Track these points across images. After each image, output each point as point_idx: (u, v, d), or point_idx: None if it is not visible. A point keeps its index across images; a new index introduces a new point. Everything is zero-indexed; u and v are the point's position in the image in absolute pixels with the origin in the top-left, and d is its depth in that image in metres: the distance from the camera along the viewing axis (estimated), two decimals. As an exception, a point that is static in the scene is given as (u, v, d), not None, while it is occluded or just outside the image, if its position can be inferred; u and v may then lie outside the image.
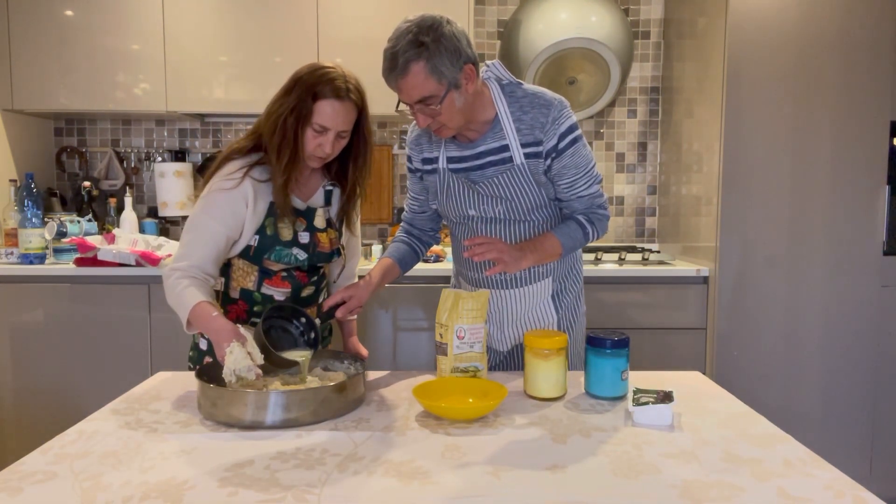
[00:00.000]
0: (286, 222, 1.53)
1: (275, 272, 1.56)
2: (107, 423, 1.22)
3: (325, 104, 1.44)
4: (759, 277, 2.60)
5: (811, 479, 0.99)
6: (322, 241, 1.59)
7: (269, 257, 1.53)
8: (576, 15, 2.88)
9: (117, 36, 2.82)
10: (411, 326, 2.68)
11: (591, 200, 1.60)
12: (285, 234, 1.53)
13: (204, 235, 1.47)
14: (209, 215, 1.48)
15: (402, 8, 2.83)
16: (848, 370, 2.63)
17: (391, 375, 1.55)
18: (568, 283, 1.71)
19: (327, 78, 1.44)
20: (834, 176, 2.57)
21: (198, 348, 1.65)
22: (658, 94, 3.29)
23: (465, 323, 1.39)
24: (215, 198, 1.48)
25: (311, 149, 1.48)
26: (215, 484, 0.97)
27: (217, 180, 1.50)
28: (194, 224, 1.49)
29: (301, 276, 1.59)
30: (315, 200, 1.62)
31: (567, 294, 1.71)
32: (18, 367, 2.63)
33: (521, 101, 1.54)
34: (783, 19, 2.52)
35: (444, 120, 1.47)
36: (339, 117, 1.45)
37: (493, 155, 1.56)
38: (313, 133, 1.46)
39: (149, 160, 3.26)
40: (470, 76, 1.44)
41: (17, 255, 2.66)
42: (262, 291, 1.57)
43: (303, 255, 1.55)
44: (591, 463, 1.05)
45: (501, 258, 1.43)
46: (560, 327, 1.71)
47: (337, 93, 1.44)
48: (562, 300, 1.70)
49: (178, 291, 1.41)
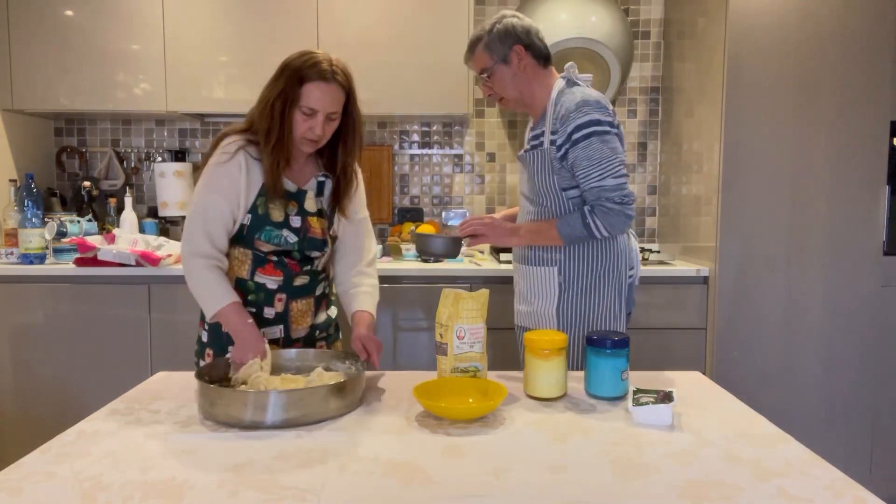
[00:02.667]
0: (277, 204, 1.56)
1: (266, 259, 1.58)
2: (107, 423, 1.22)
3: (312, 87, 1.49)
4: (759, 277, 2.60)
5: (811, 479, 0.99)
6: (314, 225, 1.60)
7: (259, 237, 1.55)
8: (576, 15, 2.88)
9: (117, 36, 2.82)
10: (411, 326, 2.68)
11: (601, 192, 1.70)
12: (276, 215, 1.56)
13: (212, 213, 1.53)
14: (210, 190, 1.53)
15: (401, 8, 2.84)
16: (848, 370, 2.63)
17: (391, 375, 1.55)
18: (573, 281, 1.81)
19: (313, 61, 1.49)
20: (834, 176, 2.57)
21: (200, 341, 1.68)
22: (658, 94, 3.29)
23: (465, 323, 1.39)
24: (214, 172, 1.54)
25: (301, 131, 1.52)
26: (215, 484, 0.97)
27: (213, 157, 1.55)
28: (201, 203, 1.53)
29: (293, 264, 1.60)
30: (308, 188, 1.63)
31: (570, 289, 1.82)
32: (18, 367, 2.63)
33: (565, 96, 1.77)
34: (783, 19, 2.52)
35: (497, 89, 1.83)
36: (326, 99, 1.50)
37: (537, 139, 1.82)
38: (302, 116, 1.51)
39: (149, 160, 3.26)
40: (520, 54, 1.80)
41: (17, 255, 2.66)
42: (255, 280, 1.59)
43: (293, 238, 1.57)
44: (591, 463, 1.05)
45: (482, 232, 1.78)
46: (559, 319, 1.82)
47: (323, 75, 1.49)
48: (565, 294, 1.82)
49: (208, 283, 1.50)
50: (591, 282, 1.81)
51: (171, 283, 2.59)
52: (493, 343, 2.58)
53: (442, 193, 3.32)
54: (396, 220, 3.30)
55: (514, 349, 2.59)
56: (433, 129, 3.29)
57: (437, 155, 3.31)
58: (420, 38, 2.85)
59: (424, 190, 3.31)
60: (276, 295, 1.61)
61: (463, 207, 3.32)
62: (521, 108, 1.89)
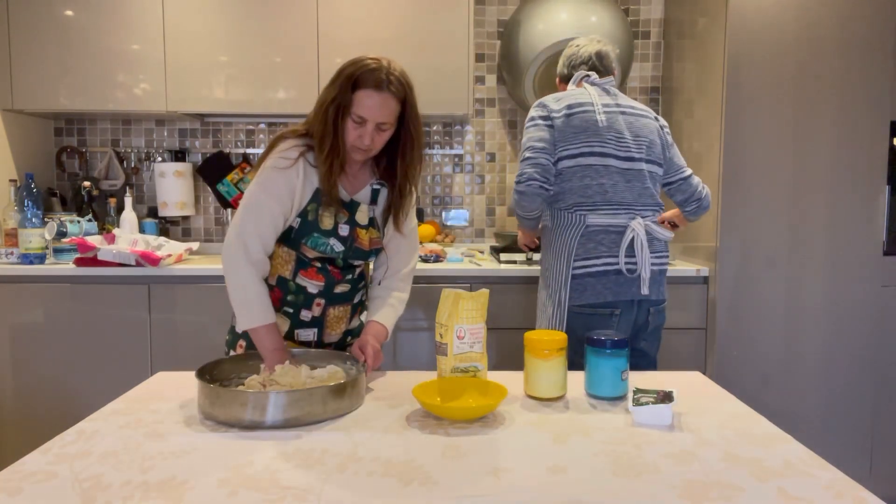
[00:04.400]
0: (329, 211, 1.53)
1: (310, 263, 1.57)
2: (107, 423, 1.22)
3: (363, 94, 1.45)
4: (759, 277, 2.60)
5: (811, 479, 0.99)
6: (361, 237, 1.58)
7: (306, 242, 1.53)
8: (576, 15, 2.88)
9: (117, 36, 2.82)
10: (411, 326, 2.68)
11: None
12: (326, 223, 1.53)
13: (263, 215, 1.49)
14: (267, 193, 1.49)
15: (402, 8, 2.84)
16: (848, 370, 2.63)
17: (391, 375, 1.55)
18: (543, 279, 2.10)
19: (368, 69, 1.45)
20: (834, 176, 2.57)
21: (233, 331, 1.66)
22: (658, 94, 3.29)
23: (465, 323, 1.39)
24: (272, 176, 1.50)
25: (351, 140, 1.49)
26: (215, 484, 0.97)
27: (272, 158, 1.51)
28: (253, 202, 1.50)
29: (335, 271, 1.59)
30: (362, 196, 1.61)
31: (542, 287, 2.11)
32: (18, 367, 2.63)
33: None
34: (783, 19, 2.52)
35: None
36: (377, 108, 1.45)
37: None
38: (353, 124, 1.47)
39: (149, 160, 3.26)
40: (559, 78, 2.25)
41: (17, 255, 2.66)
42: (296, 281, 1.57)
43: (339, 248, 1.55)
44: (591, 463, 1.05)
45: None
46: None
47: (376, 83, 1.44)
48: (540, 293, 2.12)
49: (250, 296, 1.48)
50: (546, 279, 2.07)
51: (171, 283, 2.59)
52: (493, 343, 2.58)
53: (442, 193, 3.32)
54: (396, 220, 3.30)
55: (515, 349, 2.59)
56: (433, 129, 3.29)
57: (437, 155, 3.31)
58: (420, 38, 2.85)
59: (425, 190, 3.31)
60: (315, 299, 1.59)
61: (463, 208, 3.32)
62: None
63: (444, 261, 2.82)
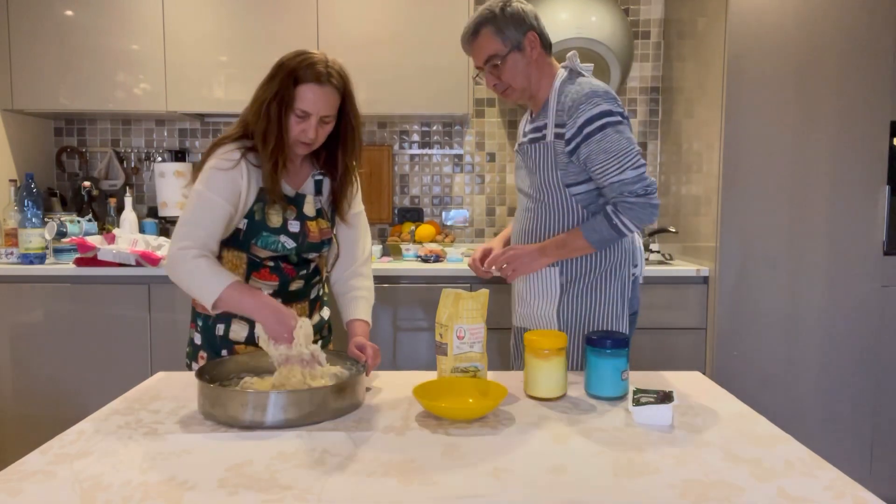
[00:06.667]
0: (276, 209, 1.53)
1: (262, 264, 1.56)
2: (107, 423, 1.22)
3: (306, 89, 1.46)
4: (759, 277, 2.60)
5: (811, 479, 0.99)
6: (312, 229, 1.58)
7: (256, 242, 1.53)
8: (576, 15, 2.88)
9: (117, 36, 2.82)
10: (411, 326, 2.68)
11: (622, 187, 1.62)
12: (274, 221, 1.53)
13: (208, 211, 1.46)
14: (213, 191, 1.47)
15: (401, 8, 2.84)
16: (848, 370, 2.63)
17: (391, 375, 1.55)
18: (575, 281, 1.75)
19: (308, 62, 1.46)
20: (834, 176, 2.57)
21: (193, 343, 1.65)
22: (658, 94, 3.29)
23: (465, 323, 1.39)
24: (216, 175, 1.48)
25: (295, 134, 1.49)
26: (215, 484, 0.97)
27: (214, 161, 1.50)
28: (197, 200, 1.47)
29: (289, 269, 1.59)
30: (306, 188, 1.62)
31: (572, 290, 1.75)
32: (18, 367, 2.63)
33: (569, 87, 1.68)
34: (783, 19, 2.52)
35: (507, 79, 1.70)
36: (320, 102, 1.47)
37: (538, 131, 1.74)
38: (296, 119, 1.48)
39: (149, 160, 3.26)
40: (533, 42, 1.69)
41: (17, 255, 2.66)
42: (250, 284, 1.54)
43: (291, 244, 1.55)
44: (591, 463, 1.05)
45: (511, 268, 1.71)
46: (560, 320, 1.76)
47: (318, 77, 1.45)
48: (566, 295, 1.76)
49: (201, 271, 1.41)
50: (593, 281, 1.74)
51: (171, 283, 2.58)
52: (493, 343, 2.58)
53: (442, 193, 3.32)
54: (396, 221, 3.30)
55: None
56: (433, 129, 3.29)
57: (437, 155, 3.31)
58: (420, 38, 2.85)
59: (424, 190, 3.31)
60: None
61: (463, 208, 3.32)
62: (524, 100, 1.78)
63: (444, 261, 2.82)
